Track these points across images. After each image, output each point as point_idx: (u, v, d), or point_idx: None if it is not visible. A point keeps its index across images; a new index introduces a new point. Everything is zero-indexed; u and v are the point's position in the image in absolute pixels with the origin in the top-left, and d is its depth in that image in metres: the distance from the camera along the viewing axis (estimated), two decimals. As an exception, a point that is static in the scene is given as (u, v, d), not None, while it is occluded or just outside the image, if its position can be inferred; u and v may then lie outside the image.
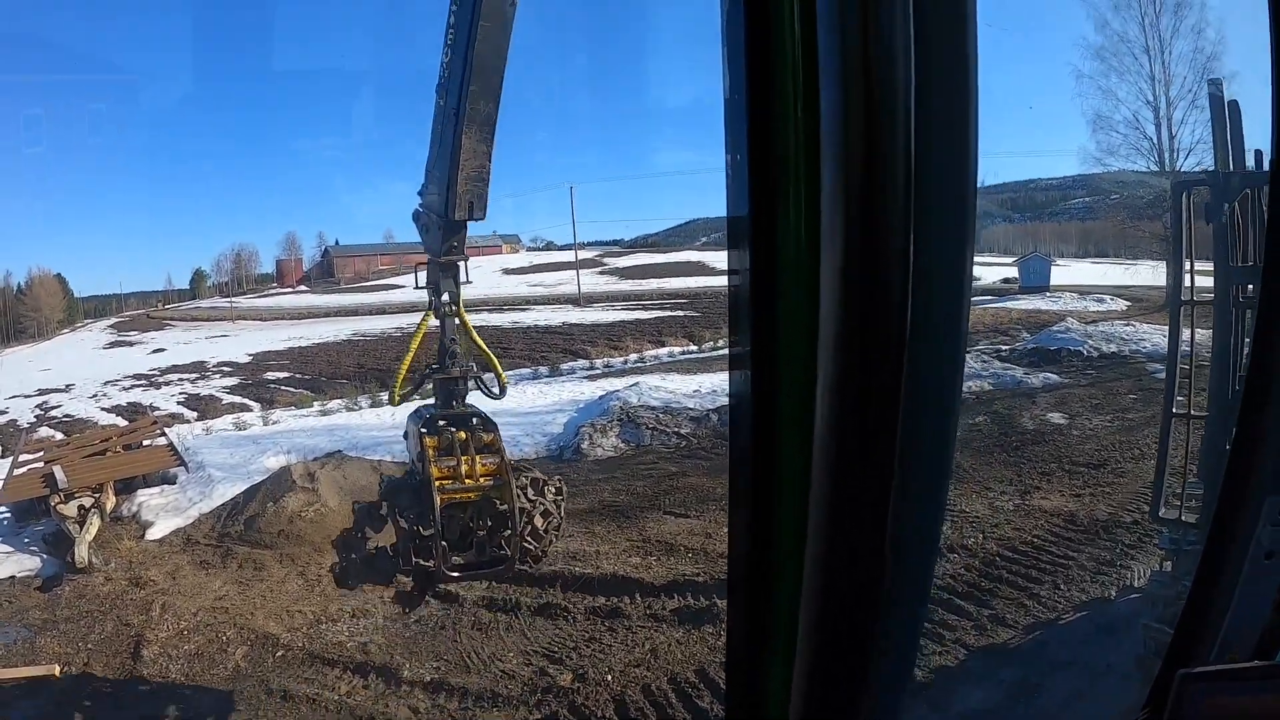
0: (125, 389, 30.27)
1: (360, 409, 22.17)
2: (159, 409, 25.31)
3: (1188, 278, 6.10)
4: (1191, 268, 6.06)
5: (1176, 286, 6.21)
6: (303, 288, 69.86)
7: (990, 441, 14.29)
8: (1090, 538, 9.92)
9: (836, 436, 1.30)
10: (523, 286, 55.74)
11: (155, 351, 41.78)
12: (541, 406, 19.51)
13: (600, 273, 60.46)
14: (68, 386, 31.51)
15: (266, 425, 21.36)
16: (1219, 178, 5.76)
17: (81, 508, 12.89)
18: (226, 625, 9.77)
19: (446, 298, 7.34)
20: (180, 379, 31.27)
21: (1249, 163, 5.78)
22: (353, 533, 7.70)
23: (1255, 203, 5.33)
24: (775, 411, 1.36)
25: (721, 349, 27.64)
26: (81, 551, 11.65)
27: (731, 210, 1.36)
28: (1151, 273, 28.43)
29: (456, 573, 6.83)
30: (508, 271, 62.09)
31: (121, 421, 22.86)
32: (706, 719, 7.39)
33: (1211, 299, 5.69)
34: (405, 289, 48.47)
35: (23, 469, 15.24)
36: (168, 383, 30.82)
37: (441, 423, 7.01)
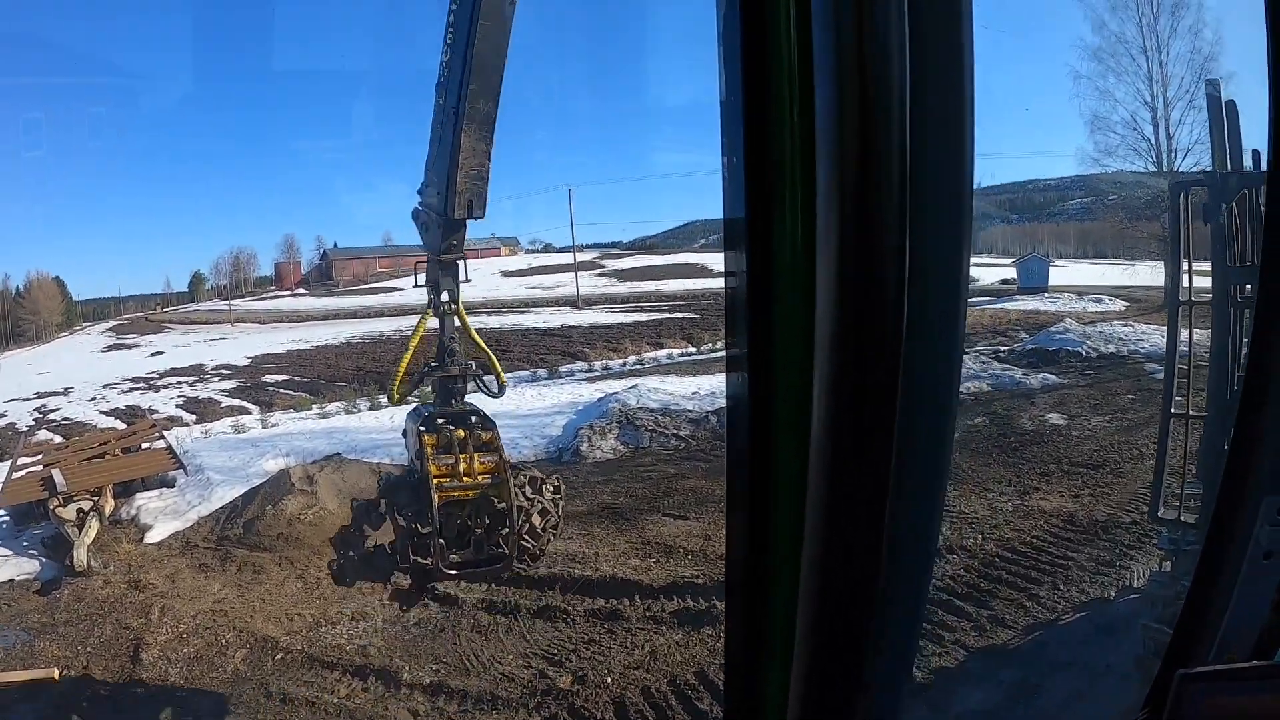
0: (124, 392, 30.29)
1: (359, 411, 22.19)
2: (158, 412, 25.33)
3: (1186, 278, 6.10)
4: (1189, 268, 6.06)
5: (1175, 287, 6.21)
6: (301, 290, 70.00)
7: (989, 442, 14.28)
8: (1089, 538, 9.91)
9: (833, 437, 1.30)
10: (521, 289, 55.77)
11: (154, 354, 41.82)
12: (540, 409, 19.51)
13: (599, 275, 60.49)
14: (66, 389, 31.54)
15: (265, 428, 21.37)
16: (1217, 178, 5.77)
17: (80, 511, 12.87)
18: (226, 628, 9.75)
19: (446, 296, 7.35)
20: (179, 382, 31.29)
21: (1247, 163, 5.79)
22: (351, 530, 7.69)
23: (1253, 203, 5.33)
24: (772, 413, 1.36)
25: (720, 351, 27.63)
26: (80, 555, 11.62)
27: (728, 213, 1.36)
28: (1150, 273, 28.45)
29: (454, 570, 6.82)
30: (506, 274, 62.13)
31: (120, 424, 22.85)
32: (706, 721, 7.38)
33: (1210, 299, 5.70)
34: (403, 291, 48.54)
35: (21, 472, 15.20)
36: (166, 386, 30.83)
37: (440, 421, 7.01)
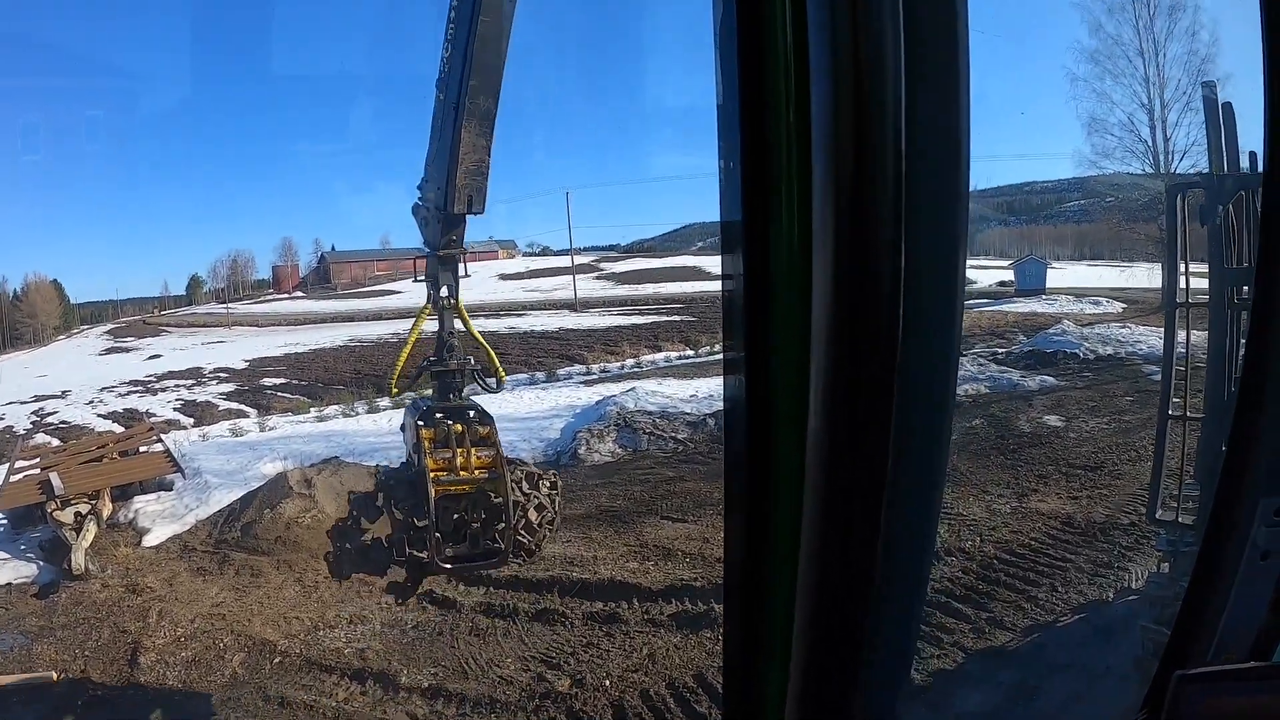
0: (122, 395, 30.23)
1: (357, 415, 22.18)
2: (155, 415, 25.31)
3: (1183, 280, 6.10)
4: (1186, 270, 6.07)
5: (1171, 289, 6.21)
6: (299, 293, 69.91)
7: (987, 444, 14.29)
8: (1088, 540, 9.92)
9: (830, 437, 1.30)
10: (519, 292, 55.74)
11: (151, 358, 41.74)
12: (538, 412, 19.51)
13: (596, 278, 60.44)
14: (64, 393, 31.44)
15: (263, 431, 21.35)
16: (1213, 180, 5.79)
17: (78, 514, 12.86)
18: (224, 632, 9.74)
19: (445, 291, 7.36)
20: (177, 385, 31.23)
21: (1243, 164, 5.81)
22: (348, 523, 7.69)
23: (1249, 204, 5.34)
24: (770, 415, 1.36)
25: (718, 353, 27.64)
26: (78, 558, 11.61)
27: (725, 215, 1.37)
28: (1147, 275, 28.42)
29: (450, 564, 6.84)
30: (504, 277, 62.08)
31: (118, 428, 22.80)
32: (705, 723, 7.38)
33: (1206, 301, 5.71)
34: (401, 294, 48.58)
35: (19, 475, 15.19)
36: (164, 389, 30.77)
37: (438, 415, 7.03)
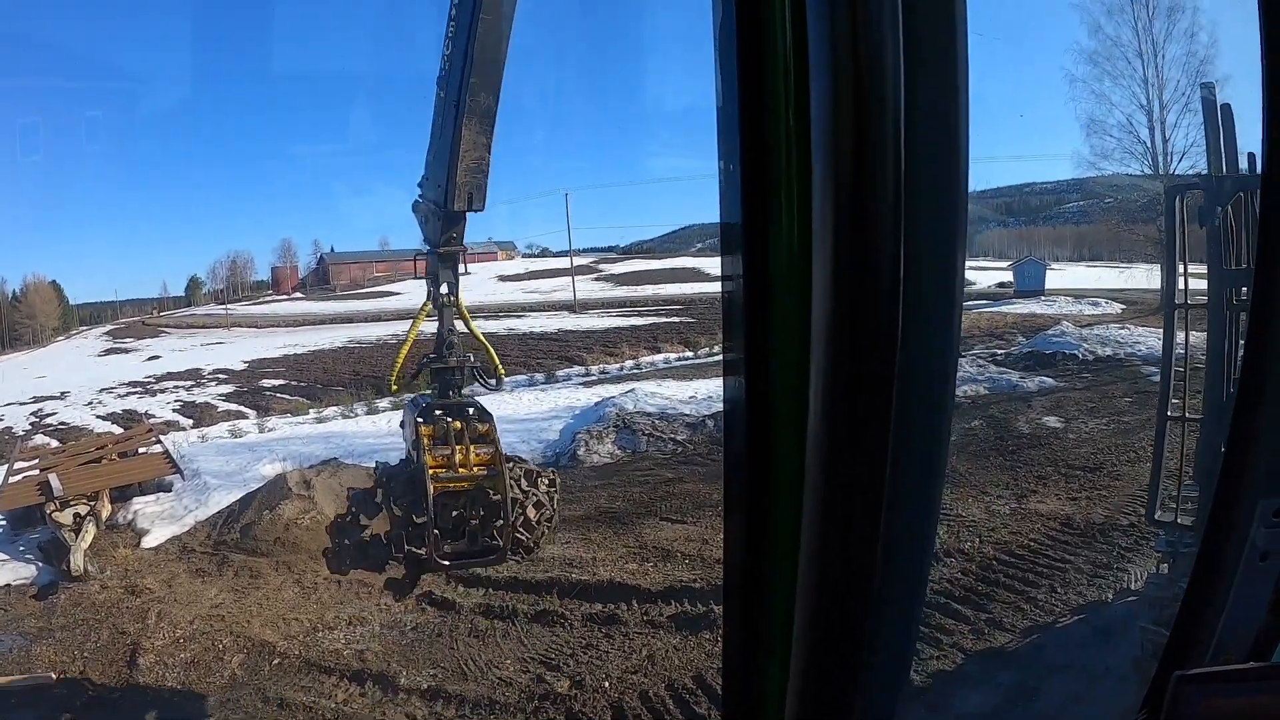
0: (121, 396, 30.18)
1: (356, 416, 22.15)
2: (154, 416, 25.26)
3: (1181, 281, 6.11)
4: (1185, 271, 6.07)
5: (1170, 290, 6.22)
6: (298, 295, 69.84)
7: (986, 445, 14.29)
8: (1087, 541, 9.92)
9: (829, 438, 1.30)
10: (518, 293, 55.67)
11: (150, 359, 41.66)
12: (538, 413, 19.49)
13: (595, 279, 60.36)
14: (63, 394, 31.38)
15: (262, 432, 21.32)
16: (1212, 181, 5.81)
17: (77, 515, 12.85)
18: (223, 633, 9.73)
19: (445, 288, 7.37)
20: (176, 386, 31.18)
21: (1242, 166, 5.82)
22: (347, 518, 7.70)
23: (1248, 206, 5.34)
24: (769, 416, 1.36)
25: (717, 355, 27.64)
26: (77, 559, 11.61)
27: (724, 217, 1.37)
28: (1146, 276, 28.43)
29: (448, 561, 6.84)
30: (503, 278, 61.99)
31: (117, 429, 22.78)
32: (704, 725, 7.38)
33: (1205, 302, 5.72)
34: (400, 296, 48.57)
35: (18, 476, 15.18)
36: (163, 390, 30.72)
37: (437, 412, 7.03)
